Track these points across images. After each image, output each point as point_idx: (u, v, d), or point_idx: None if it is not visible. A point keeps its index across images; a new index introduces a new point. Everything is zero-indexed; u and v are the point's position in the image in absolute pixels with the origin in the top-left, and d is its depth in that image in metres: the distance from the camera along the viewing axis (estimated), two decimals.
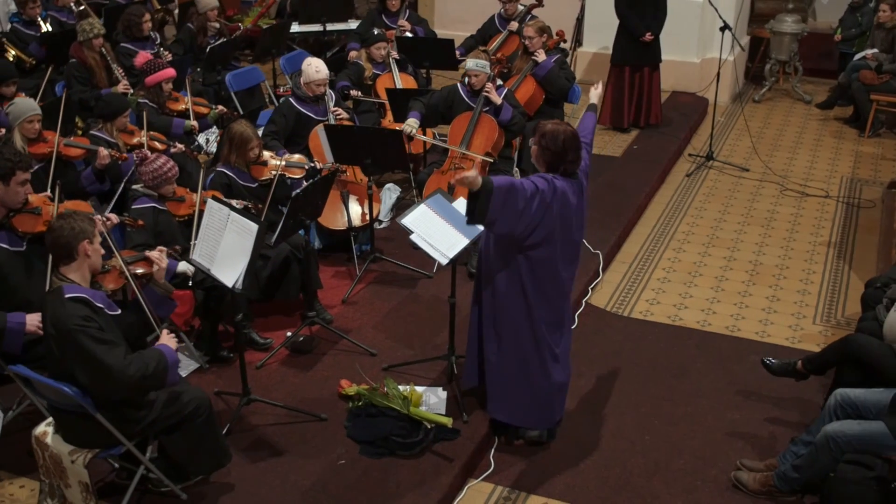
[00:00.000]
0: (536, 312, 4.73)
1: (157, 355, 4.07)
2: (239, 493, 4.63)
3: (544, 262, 4.66)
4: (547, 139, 4.60)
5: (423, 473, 4.78)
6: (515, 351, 4.84)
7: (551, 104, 7.81)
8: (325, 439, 5.00)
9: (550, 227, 4.57)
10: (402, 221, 5.02)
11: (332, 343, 5.85)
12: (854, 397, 4.66)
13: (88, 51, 7.83)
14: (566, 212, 4.62)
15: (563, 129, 4.61)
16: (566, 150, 4.58)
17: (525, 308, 4.74)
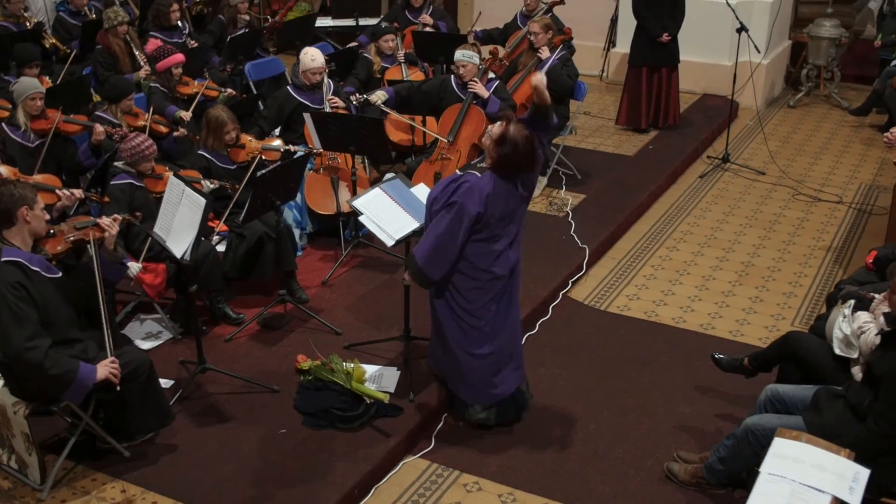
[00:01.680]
0: (462, 294, 4.86)
1: (70, 367, 4.28)
2: (179, 454, 4.87)
3: (478, 247, 4.77)
4: (508, 146, 4.60)
5: (358, 446, 4.94)
6: (446, 327, 4.96)
7: (555, 100, 7.85)
8: (273, 410, 5.20)
9: (488, 231, 4.72)
10: (353, 203, 5.19)
11: (302, 321, 6.06)
12: (783, 393, 4.66)
13: (113, 37, 8.21)
14: (503, 209, 4.72)
15: (524, 139, 4.62)
16: (521, 161, 4.66)
17: (453, 288, 4.87)
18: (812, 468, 3.40)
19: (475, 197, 4.62)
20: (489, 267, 4.82)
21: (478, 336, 4.97)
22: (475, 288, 4.89)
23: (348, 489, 4.67)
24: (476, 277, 4.86)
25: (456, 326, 4.96)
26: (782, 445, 3.57)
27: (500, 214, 4.70)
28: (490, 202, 4.63)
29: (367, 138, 6.43)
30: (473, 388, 5.15)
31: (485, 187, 4.64)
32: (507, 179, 4.69)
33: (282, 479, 4.70)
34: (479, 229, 4.70)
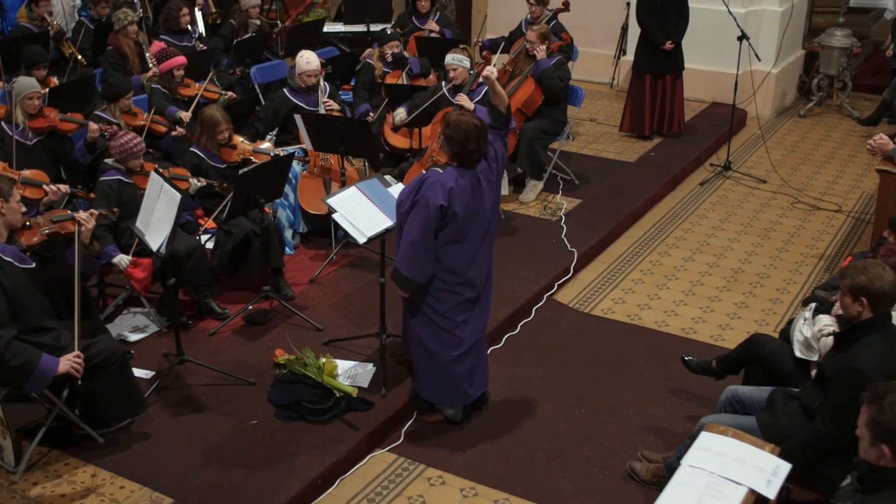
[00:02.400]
0: (432, 295, 4.95)
1: (30, 358, 4.40)
2: (151, 441, 5.01)
3: (446, 246, 4.87)
4: (451, 129, 4.82)
5: (326, 438, 5.05)
6: (419, 329, 5.06)
7: (551, 104, 7.96)
8: (248, 402, 5.33)
9: (453, 226, 4.81)
10: (327, 201, 5.32)
11: (286, 318, 6.19)
12: (742, 394, 4.70)
13: (124, 38, 8.42)
14: (469, 205, 4.81)
15: (466, 121, 4.82)
16: (468, 140, 4.78)
17: (423, 290, 4.96)
18: (733, 461, 3.45)
19: (437, 191, 4.73)
20: (460, 270, 4.92)
21: (451, 339, 5.06)
22: (447, 290, 4.98)
23: (311, 479, 4.78)
24: (447, 280, 4.95)
25: (430, 331, 5.06)
26: (708, 439, 3.61)
27: (465, 209, 4.79)
28: (453, 195, 4.73)
29: (355, 139, 6.56)
30: (448, 390, 5.23)
31: (447, 181, 4.75)
32: (466, 168, 4.80)
33: (247, 467, 4.82)
34: (445, 225, 4.79)
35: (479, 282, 5.07)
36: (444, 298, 5.00)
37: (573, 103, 8.34)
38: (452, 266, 4.93)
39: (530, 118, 7.93)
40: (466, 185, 4.81)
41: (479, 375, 5.29)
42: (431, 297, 4.97)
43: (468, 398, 5.29)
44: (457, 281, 4.97)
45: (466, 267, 4.96)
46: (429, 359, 5.12)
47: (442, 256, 4.89)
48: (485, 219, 4.98)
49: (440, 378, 5.16)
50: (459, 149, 4.79)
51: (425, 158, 7.12)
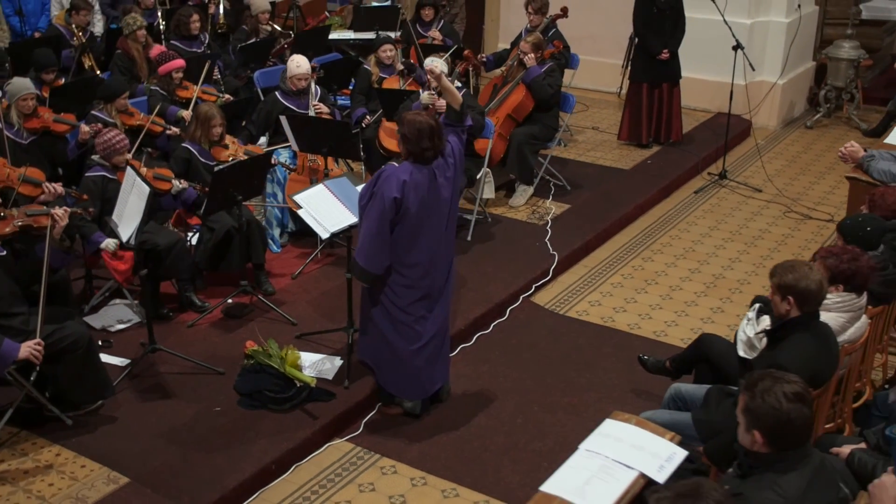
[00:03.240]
0: (391, 289, 5.11)
1: None
2: (117, 425, 5.23)
3: (403, 241, 5.02)
4: (405, 128, 4.98)
5: (285, 426, 5.23)
6: (380, 322, 5.22)
7: (542, 110, 8.08)
8: (214, 390, 5.53)
9: (407, 218, 4.97)
10: (295, 198, 5.51)
11: (263, 312, 6.38)
12: (684, 391, 4.80)
13: (133, 42, 8.69)
14: (424, 199, 4.97)
15: (420, 120, 4.98)
16: (422, 138, 4.94)
17: (382, 284, 5.12)
18: (630, 447, 3.55)
19: (392, 184, 4.89)
20: (418, 265, 5.06)
21: (410, 333, 5.21)
22: (406, 286, 5.13)
23: (265, 464, 4.96)
24: (405, 275, 5.10)
25: (390, 325, 5.21)
26: (611, 426, 3.72)
27: (419, 202, 4.93)
28: (407, 188, 4.89)
29: (337, 141, 6.75)
30: (407, 383, 5.38)
31: (401, 174, 4.91)
32: (422, 164, 4.96)
33: (205, 451, 5.01)
34: (400, 218, 4.93)
35: (438, 277, 5.21)
36: (403, 293, 5.15)
37: (565, 110, 8.46)
38: (410, 261, 5.08)
39: (521, 124, 8.06)
40: (421, 180, 4.96)
41: (438, 369, 5.43)
42: (391, 290, 5.12)
43: (426, 392, 5.43)
44: (415, 276, 5.11)
45: (424, 262, 5.10)
46: (389, 352, 5.27)
47: (400, 251, 5.05)
48: (442, 214, 5.12)
49: (399, 370, 5.31)
50: (414, 146, 4.95)
51: None
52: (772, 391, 3.04)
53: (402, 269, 5.11)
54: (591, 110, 10.84)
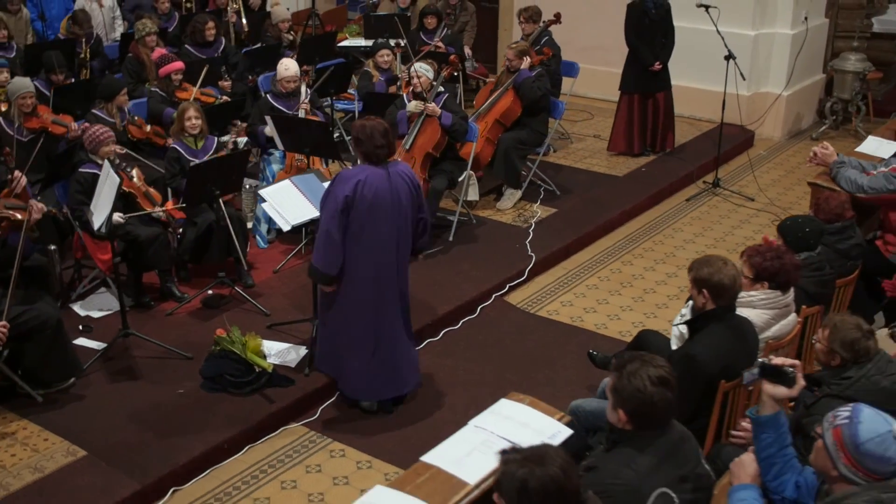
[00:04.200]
0: (347, 291, 5.31)
1: None
2: (84, 403, 5.52)
3: (355, 238, 5.22)
4: (357, 131, 5.19)
5: (242, 408, 5.48)
6: (333, 325, 5.42)
7: (530, 115, 8.26)
8: (181, 374, 5.79)
9: (360, 219, 5.14)
10: (260, 192, 5.77)
11: (240, 303, 6.64)
12: None
13: (143, 47, 9.06)
14: (379, 195, 5.15)
15: (371, 123, 5.19)
16: (374, 137, 5.14)
17: (339, 286, 5.33)
18: (517, 425, 3.72)
19: (345, 183, 5.10)
20: (370, 259, 5.23)
21: (361, 335, 5.38)
22: (359, 300, 5.30)
23: (216, 443, 5.21)
24: (355, 281, 5.26)
25: (343, 325, 5.40)
26: (504, 405, 3.90)
27: (370, 200, 5.10)
28: (360, 186, 5.07)
29: (317, 140, 7.00)
30: (360, 388, 5.56)
31: (357, 174, 5.12)
32: (376, 163, 5.16)
33: (162, 430, 5.27)
34: (353, 217, 5.10)
35: (390, 280, 5.34)
36: (353, 293, 5.31)
37: (554, 116, 8.62)
38: (362, 258, 5.23)
39: (510, 129, 8.24)
40: (376, 179, 5.15)
41: (398, 375, 5.55)
42: (343, 291, 5.30)
43: (379, 395, 5.58)
44: (367, 274, 5.27)
45: (376, 260, 5.25)
46: (343, 351, 5.46)
47: (354, 258, 5.20)
48: (399, 215, 5.23)
49: (353, 370, 5.49)
50: (367, 146, 5.14)
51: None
52: (638, 374, 3.20)
53: (358, 278, 5.25)
54: (595, 119, 10.98)
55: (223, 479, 5.12)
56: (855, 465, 2.97)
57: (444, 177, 7.46)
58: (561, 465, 2.80)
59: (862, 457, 2.96)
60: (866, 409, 3.04)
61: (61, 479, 4.89)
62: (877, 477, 2.97)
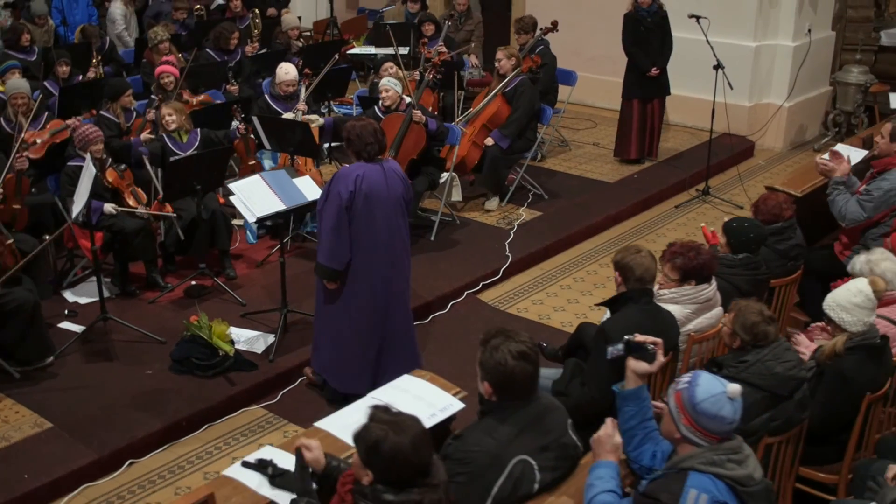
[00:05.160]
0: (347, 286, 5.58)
1: None
2: (58, 380, 5.89)
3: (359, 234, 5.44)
4: (348, 131, 5.46)
5: (204, 389, 5.80)
6: (333, 322, 5.68)
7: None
8: (153, 356, 6.12)
9: (359, 213, 5.38)
10: (230, 185, 6.09)
11: (220, 293, 6.96)
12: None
13: (156, 54, 9.47)
14: (376, 188, 5.39)
15: (361, 123, 5.46)
16: (364, 136, 5.40)
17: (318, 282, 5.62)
18: (411, 397, 3.95)
19: (345, 179, 5.35)
20: (370, 249, 5.45)
21: (363, 332, 5.62)
22: (357, 294, 5.53)
23: (175, 420, 5.52)
24: (355, 275, 5.49)
25: (347, 326, 5.61)
26: (404, 380, 4.14)
27: (366, 194, 5.33)
28: (359, 181, 5.33)
29: (298, 141, 7.31)
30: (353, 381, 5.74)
31: (355, 170, 5.38)
32: (369, 161, 5.41)
33: (127, 406, 5.61)
34: (355, 210, 5.34)
35: (386, 277, 5.56)
36: (351, 289, 5.53)
37: (542, 122, 8.84)
38: (364, 247, 5.44)
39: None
40: (373, 174, 5.40)
41: (363, 377, 5.67)
42: (344, 285, 5.54)
43: (341, 387, 5.78)
44: (367, 271, 5.50)
45: (377, 250, 5.46)
46: (325, 336, 5.73)
47: (355, 246, 5.42)
48: (394, 209, 5.47)
49: (348, 363, 5.72)
50: (359, 147, 5.40)
51: None
52: (500, 348, 3.42)
53: (355, 262, 5.48)
54: (598, 127, 11.17)
55: (179, 453, 5.42)
56: (693, 424, 3.16)
57: (424, 178, 7.73)
58: (413, 439, 3.01)
59: (699, 416, 3.14)
60: (704, 374, 3.23)
61: (25, 448, 5.23)
62: (713, 436, 3.15)
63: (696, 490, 3.09)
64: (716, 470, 3.14)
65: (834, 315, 4.51)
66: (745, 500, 3.14)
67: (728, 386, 3.16)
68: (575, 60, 11.08)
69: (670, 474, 3.19)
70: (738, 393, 3.16)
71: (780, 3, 10.48)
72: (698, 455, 3.15)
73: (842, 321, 4.48)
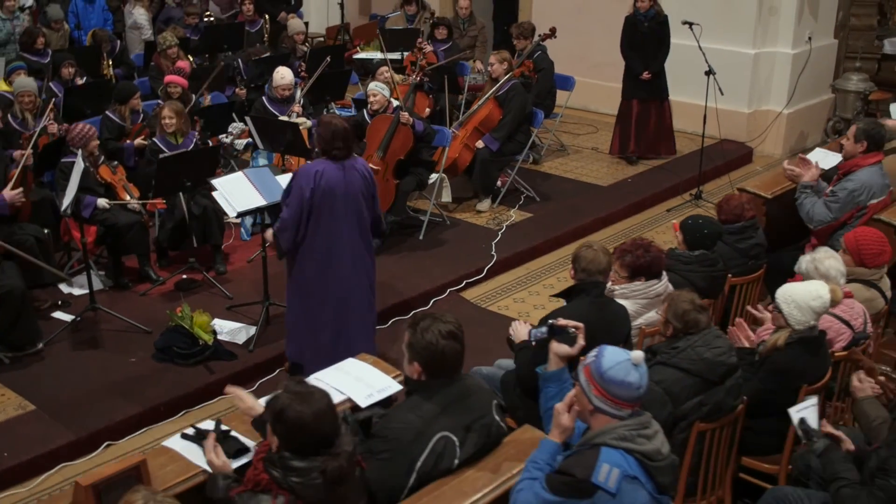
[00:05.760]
0: (295, 277, 5.82)
1: None
2: (45, 364, 6.15)
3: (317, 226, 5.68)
4: (321, 127, 5.69)
5: (184, 376, 6.03)
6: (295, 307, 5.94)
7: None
8: (138, 345, 6.37)
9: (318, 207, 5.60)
10: (213, 182, 6.32)
11: (209, 287, 7.20)
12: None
13: (164, 59, 9.76)
14: (334, 186, 5.59)
15: (336, 123, 5.67)
16: (335, 138, 5.62)
17: (300, 270, 5.84)
18: (353, 378, 4.14)
19: (307, 176, 5.56)
20: (325, 239, 5.68)
21: (317, 310, 5.83)
22: (312, 263, 5.77)
23: (153, 405, 5.75)
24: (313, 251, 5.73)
25: (300, 300, 5.88)
26: (348, 362, 4.33)
27: (324, 189, 5.55)
28: (319, 176, 5.55)
29: (289, 141, 7.54)
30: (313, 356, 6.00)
31: (316, 167, 5.61)
32: (333, 160, 5.61)
33: (108, 392, 5.85)
34: (312, 205, 5.57)
35: (344, 262, 5.77)
36: (309, 269, 5.79)
37: (534, 125, 9.01)
38: (318, 239, 5.68)
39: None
40: (332, 171, 5.60)
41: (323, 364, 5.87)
42: (299, 267, 5.80)
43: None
44: (321, 254, 5.73)
45: (331, 240, 5.68)
46: (300, 323, 5.95)
47: (315, 239, 5.67)
48: (352, 203, 5.67)
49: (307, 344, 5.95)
50: (326, 146, 5.60)
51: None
52: (430, 329, 3.60)
53: (311, 248, 5.72)
54: (600, 132, 11.29)
55: (155, 437, 5.64)
56: (604, 393, 3.29)
57: (413, 178, 7.93)
58: (317, 412, 3.22)
59: (607, 384, 3.28)
60: (609, 347, 3.37)
61: (7, 428, 5.48)
62: (624, 403, 3.29)
63: (609, 465, 3.23)
64: (627, 445, 3.28)
65: (785, 308, 4.62)
66: (653, 474, 3.28)
67: (631, 353, 3.31)
68: (580, 66, 11.26)
69: (583, 450, 3.33)
70: (641, 359, 3.30)
71: (780, 10, 10.57)
72: (610, 431, 3.29)
73: (790, 316, 4.60)
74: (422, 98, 9.58)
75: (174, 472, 3.65)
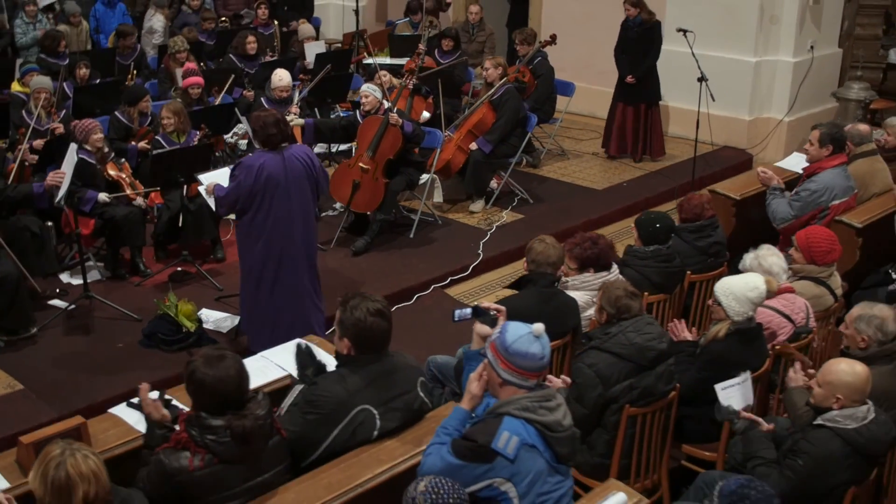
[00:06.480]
0: (248, 248, 6.10)
1: None
2: (37, 348, 6.47)
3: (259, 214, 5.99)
4: (253, 122, 5.99)
5: (167, 362, 6.31)
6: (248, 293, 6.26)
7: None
8: (127, 332, 6.67)
9: (260, 197, 5.91)
10: (199, 177, 6.62)
11: (200, 278, 7.49)
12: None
13: (173, 62, 10.12)
14: (275, 174, 5.92)
15: (265, 114, 5.98)
16: (267, 126, 5.91)
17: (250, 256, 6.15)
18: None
19: (248, 170, 5.88)
20: (269, 224, 5.98)
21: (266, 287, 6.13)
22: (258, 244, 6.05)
23: (132, 387, 5.94)
24: (258, 234, 6.03)
25: (253, 283, 6.18)
26: (296, 342, 4.55)
27: (265, 181, 5.86)
28: (259, 170, 5.86)
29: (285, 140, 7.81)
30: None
31: (256, 160, 5.91)
32: (272, 148, 5.92)
33: (94, 374, 6.15)
34: (254, 195, 5.90)
35: (290, 245, 6.05)
36: (256, 250, 6.08)
37: (527, 129, 9.21)
38: (262, 224, 5.97)
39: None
40: (272, 162, 5.91)
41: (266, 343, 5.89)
42: (248, 250, 6.11)
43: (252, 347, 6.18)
44: (267, 236, 6.02)
45: (276, 226, 5.97)
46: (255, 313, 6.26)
47: (259, 228, 5.99)
48: (294, 193, 5.96)
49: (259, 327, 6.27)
50: (262, 135, 5.92)
51: (353, 160, 8.15)
52: (359, 307, 3.84)
53: (259, 236, 6.02)
54: (600, 137, 11.45)
55: None
56: (510, 366, 3.47)
57: (403, 178, 8.16)
58: (221, 375, 3.49)
59: (512, 356, 3.47)
60: (511, 322, 3.57)
61: None
62: (529, 373, 3.47)
63: (509, 432, 3.43)
64: (528, 415, 3.47)
65: (724, 300, 4.80)
66: (552, 444, 3.47)
67: (533, 326, 3.50)
68: (586, 73, 11.47)
69: (488, 419, 3.54)
70: (542, 330, 3.49)
71: (781, 19, 10.68)
72: (514, 401, 3.49)
73: (729, 307, 4.77)
74: (419, 102, 9.82)
75: (115, 435, 3.92)
